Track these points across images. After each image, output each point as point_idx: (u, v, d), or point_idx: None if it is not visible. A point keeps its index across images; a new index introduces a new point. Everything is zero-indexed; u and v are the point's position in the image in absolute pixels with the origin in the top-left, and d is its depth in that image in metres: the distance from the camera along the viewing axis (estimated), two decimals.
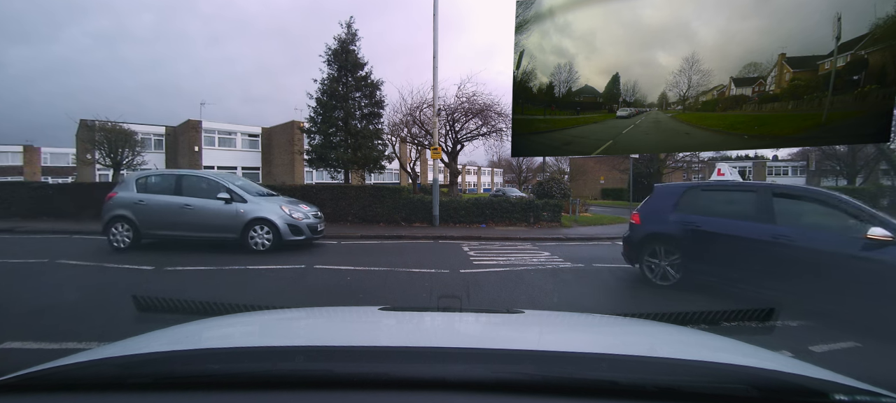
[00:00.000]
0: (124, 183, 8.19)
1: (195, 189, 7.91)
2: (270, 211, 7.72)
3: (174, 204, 7.71)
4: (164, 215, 7.70)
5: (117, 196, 7.90)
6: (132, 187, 7.97)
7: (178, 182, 7.98)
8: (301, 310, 1.75)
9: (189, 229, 7.68)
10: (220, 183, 7.97)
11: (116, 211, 7.73)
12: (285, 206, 7.96)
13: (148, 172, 8.58)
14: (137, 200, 7.75)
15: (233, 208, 7.63)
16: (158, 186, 8.03)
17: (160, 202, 7.76)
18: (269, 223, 7.61)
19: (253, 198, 7.87)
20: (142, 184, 8.05)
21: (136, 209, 7.70)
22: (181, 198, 7.76)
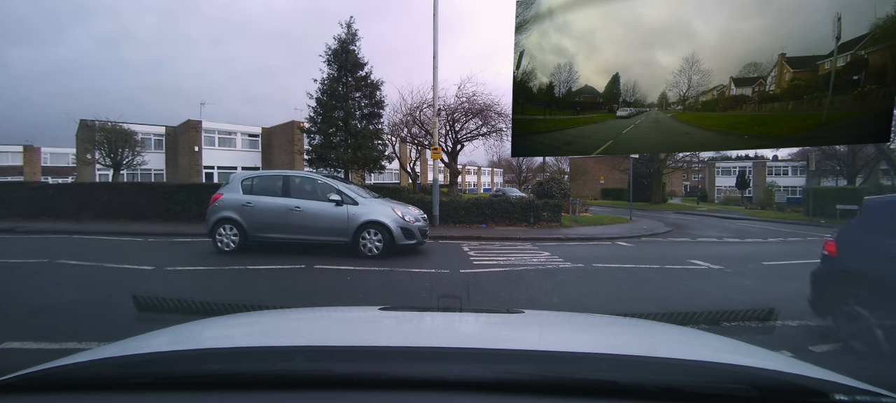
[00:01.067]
0: (230, 184, 7.92)
1: (303, 190, 7.65)
2: (383, 214, 7.32)
3: (282, 207, 7.43)
4: (272, 217, 7.42)
5: (223, 197, 7.64)
6: (238, 188, 7.70)
7: (285, 183, 7.71)
8: (301, 310, 1.75)
9: (298, 232, 7.37)
10: (330, 184, 7.66)
11: (223, 213, 7.50)
12: (397, 209, 7.55)
13: (253, 173, 8.21)
14: (244, 202, 7.50)
15: (343, 210, 7.27)
16: (265, 187, 7.74)
17: (268, 204, 7.49)
18: (382, 226, 7.22)
19: (364, 200, 7.52)
20: (248, 185, 7.76)
21: (244, 211, 7.47)
22: (290, 200, 7.48)
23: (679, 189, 49.48)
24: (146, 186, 15.73)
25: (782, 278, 6.34)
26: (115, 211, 13.01)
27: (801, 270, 7.13)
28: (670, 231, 13.35)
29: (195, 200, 13.07)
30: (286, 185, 7.70)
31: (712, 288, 5.63)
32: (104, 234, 9.93)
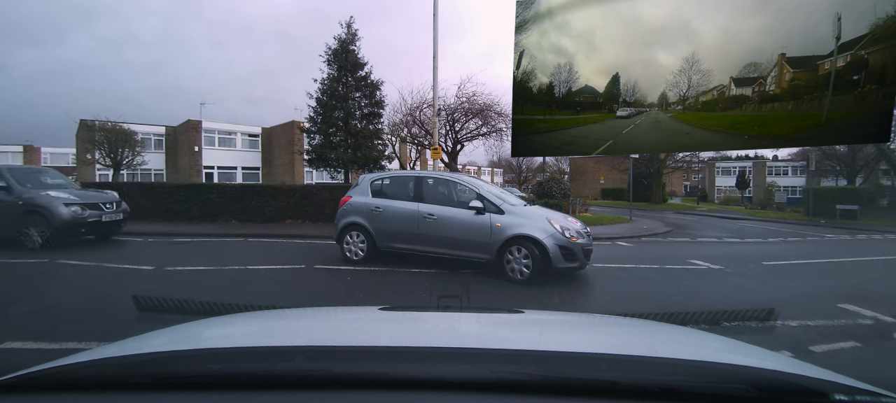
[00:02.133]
0: (359, 185, 7.05)
1: (438, 194, 6.51)
2: (536, 227, 5.58)
3: (414, 214, 6.30)
4: (402, 225, 6.38)
5: (352, 201, 6.83)
6: (367, 190, 6.82)
7: (417, 185, 6.55)
8: (301, 310, 1.75)
9: (431, 244, 6.21)
10: (470, 187, 6.29)
11: (350, 217, 6.71)
12: (555, 220, 5.74)
13: (384, 174, 7.29)
14: (373, 207, 6.59)
15: (485, 221, 5.81)
16: (396, 190, 6.73)
17: (398, 210, 6.44)
18: (534, 242, 5.48)
19: (512, 208, 5.89)
20: (377, 186, 6.84)
21: (372, 217, 6.56)
22: (422, 205, 6.30)
23: (679, 189, 49.51)
24: (146, 186, 15.72)
25: (782, 278, 6.34)
26: None
27: (801, 270, 7.14)
28: (670, 231, 13.35)
29: (195, 200, 13.07)
30: (418, 188, 6.52)
31: (712, 288, 5.63)
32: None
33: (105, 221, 8.46)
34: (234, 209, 13.01)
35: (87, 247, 7.82)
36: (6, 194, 7.65)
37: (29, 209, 7.57)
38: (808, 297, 5.02)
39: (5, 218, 7.55)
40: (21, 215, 7.53)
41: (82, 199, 8.14)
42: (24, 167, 8.18)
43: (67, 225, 7.73)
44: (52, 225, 7.54)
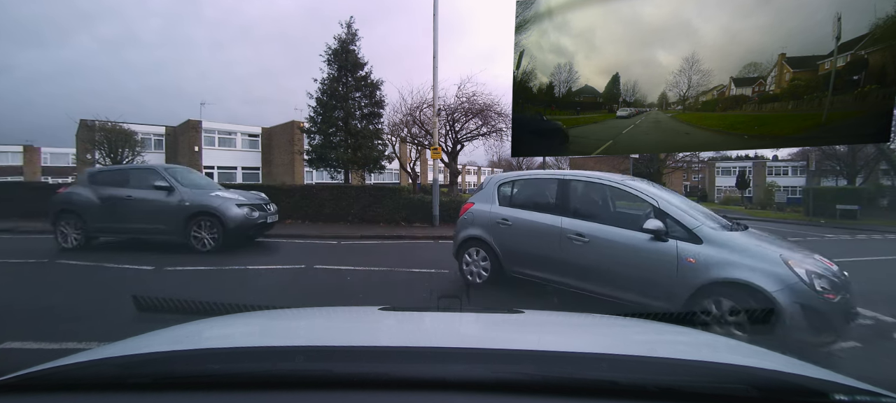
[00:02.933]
0: (484, 189, 5.40)
1: (592, 205, 4.49)
2: (760, 270, 3.14)
3: (554, 231, 4.37)
4: (536, 246, 4.55)
5: (474, 209, 5.25)
6: (493, 196, 5.16)
7: (562, 192, 4.53)
8: (301, 310, 1.75)
9: (578, 277, 4.21)
10: (645, 197, 3.97)
11: (470, 230, 5.18)
12: (795, 261, 3.19)
13: (517, 175, 5.33)
14: (499, 218, 4.92)
15: (670, 252, 3.60)
16: (531, 196, 4.95)
17: (532, 225, 4.62)
18: (756, 294, 3.06)
19: (714, 232, 3.56)
20: (507, 192, 5.11)
21: (498, 232, 4.89)
22: (569, 220, 4.31)
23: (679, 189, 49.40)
24: None
25: None
26: None
27: None
28: None
29: None
30: (563, 195, 4.54)
31: None
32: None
33: (267, 222, 8.36)
34: None
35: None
36: (167, 195, 7.44)
37: (198, 211, 7.33)
38: None
39: (171, 220, 7.34)
40: (189, 217, 7.31)
41: (248, 200, 7.95)
42: (174, 166, 8.11)
43: (239, 227, 7.56)
44: (226, 228, 7.34)
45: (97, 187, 7.71)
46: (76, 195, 7.67)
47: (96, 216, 7.53)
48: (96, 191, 7.64)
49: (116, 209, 7.50)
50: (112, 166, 8.77)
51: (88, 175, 8.04)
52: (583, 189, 4.66)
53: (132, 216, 7.47)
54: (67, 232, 7.57)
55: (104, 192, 7.61)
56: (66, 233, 7.58)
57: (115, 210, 7.50)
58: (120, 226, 7.59)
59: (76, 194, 7.68)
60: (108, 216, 7.52)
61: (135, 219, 7.47)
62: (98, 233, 7.69)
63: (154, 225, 7.43)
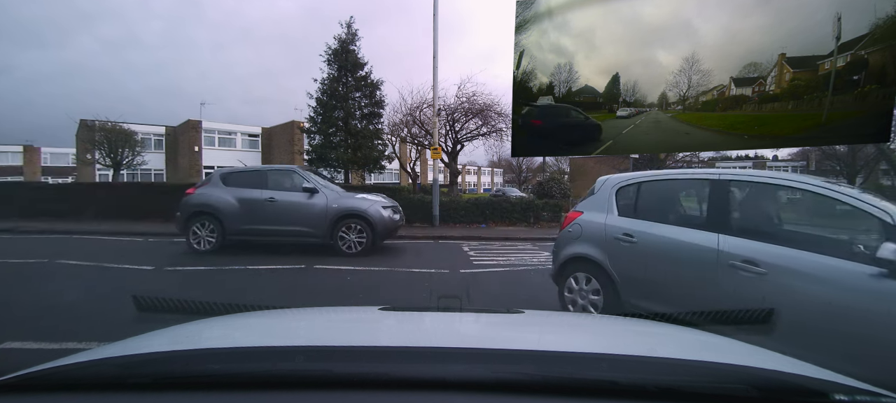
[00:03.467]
0: (597, 193, 3.95)
1: (772, 221, 3.15)
2: None
3: (707, 257, 2.97)
4: (678, 278, 3.17)
5: (583, 219, 3.90)
6: (609, 203, 3.77)
7: (718, 197, 3.10)
8: (301, 310, 1.75)
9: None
10: (871, 208, 2.44)
11: (577, 247, 3.81)
12: None
13: (642, 175, 3.79)
14: (620, 233, 3.55)
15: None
16: (668, 202, 3.60)
17: (673, 245, 3.21)
18: None
19: None
20: (629, 196, 3.72)
21: (617, 252, 3.53)
22: (740, 242, 2.86)
23: None
24: (146, 186, 15.72)
25: None
26: (114, 211, 13.02)
27: None
28: None
29: None
30: (720, 202, 3.10)
31: None
32: (104, 234, 9.94)
33: (399, 224, 8.29)
34: None
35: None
36: (311, 197, 7.37)
37: (346, 214, 7.29)
38: None
39: (318, 223, 7.27)
40: (337, 220, 7.27)
41: (389, 203, 7.88)
42: (298, 168, 8.02)
43: (386, 228, 7.56)
44: (375, 231, 7.33)
45: (233, 189, 7.53)
46: (214, 197, 7.43)
47: (235, 218, 7.35)
48: (233, 193, 7.47)
49: (258, 211, 7.32)
50: (248, 167, 8.36)
51: (221, 176, 7.75)
52: (754, 194, 3.20)
53: (276, 218, 7.31)
54: (201, 235, 7.38)
55: (243, 194, 7.45)
56: (200, 236, 7.38)
57: (257, 212, 7.32)
58: (261, 228, 7.36)
59: (214, 196, 7.45)
60: (248, 218, 7.33)
61: (279, 222, 7.32)
62: (236, 236, 7.44)
63: (299, 227, 7.32)
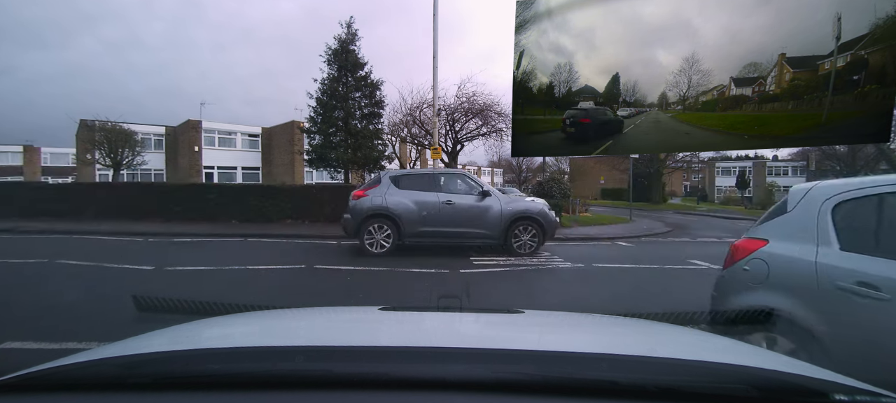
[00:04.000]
0: (797, 210, 2.28)
1: None
2: None
3: None
4: None
5: (769, 250, 2.38)
6: (825, 228, 2.13)
7: None
8: (301, 310, 1.75)
9: None
10: None
11: (761, 297, 2.29)
12: None
13: (883, 183, 2.01)
14: (856, 280, 1.89)
15: None
16: None
17: None
18: None
19: None
20: (861, 227, 2.08)
21: (844, 312, 1.92)
22: None
23: (679, 189, 49.47)
24: (146, 186, 15.74)
25: None
26: (114, 211, 13.02)
27: None
28: (670, 231, 13.35)
29: (195, 200, 13.08)
30: None
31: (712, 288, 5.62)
32: (104, 234, 9.94)
33: None
34: (234, 209, 13.02)
35: None
36: (483, 199, 7.55)
37: (520, 216, 7.50)
38: None
39: (494, 224, 7.46)
40: (512, 221, 7.47)
41: (547, 204, 8.22)
42: (469, 173, 8.24)
43: (552, 229, 7.88)
44: (546, 232, 7.65)
45: (407, 191, 7.55)
46: (390, 199, 7.44)
47: (412, 220, 7.36)
48: (408, 196, 7.49)
49: (434, 213, 7.39)
50: (418, 170, 8.51)
51: (392, 178, 7.74)
52: None
53: (453, 221, 7.41)
54: (376, 238, 7.36)
55: (419, 197, 7.49)
56: (375, 239, 7.36)
57: (433, 214, 7.39)
58: (438, 231, 7.44)
59: (390, 199, 7.45)
60: (424, 220, 7.39)
61: (455, 224, 7.42)
62: (411, 238, 7.47)
63: (476, 229, 7.48)
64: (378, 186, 7.60)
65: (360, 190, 7.77)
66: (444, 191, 7.60)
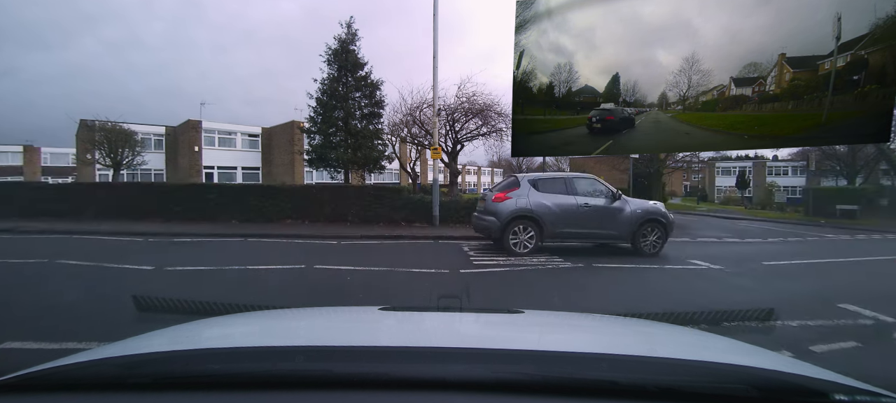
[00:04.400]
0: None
1: None
2: None
3: None
4: None
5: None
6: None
7: None
8: (301, 310, 1.75)
9: None
10: None
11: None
12: None
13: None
14: None
15: None
16: None
17: None
18: None
19: None
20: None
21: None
22: None
23: (679, 189, 49.45)
24: (146, 186, 15.74)
25: (782, 278, 6.33)
26: (114, 212, 13.02)
27: (801, 270, 7.13)
28: None
29: (195, 200, 13.08)
30: None
31: (712, 288, 5.63)
32: (104, 234, 9.94)
33: None
34: (234, 209, 13.02)
35: None
36: (613, 202, 8.00)
37: (648, 218, 7.96)
38: (808, 297, 5.02)
39: (625, 226, 7.92)
40: (641, 223, 7.90)
41: None
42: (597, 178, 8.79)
43: (672, 229, 8.29)
44: (668, 232, 8.13)
45: (546, 194, 7.88)
46: (533, 202, 7.76)
47: (553, 222, 7.73)
48: (549, 198, 7.83)
49: (572, 215, 7.80)
50: (554, 174, 9.12)
51: (531, 182, 8.10)
52: None
53: (588, 222, 7.86)
54: (520, 238, 7.67)
55: (558, 200, 7.85)
56: (519, 239, 7.66)
57: (571, 216, 7.79)
58: (575, 232, 7.91)
59: (533, 201, 7.77)
60: (563, 222, 7.78)
61: (591, 225, 7.89)
62: (552, 239, 7.86)
63: (609, 230, 7.95)
64: (518, 189, 7.96)
65: (499, 193, 8.12)
66: (580, 194, 8.01)
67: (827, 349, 3.35)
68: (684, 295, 5.23)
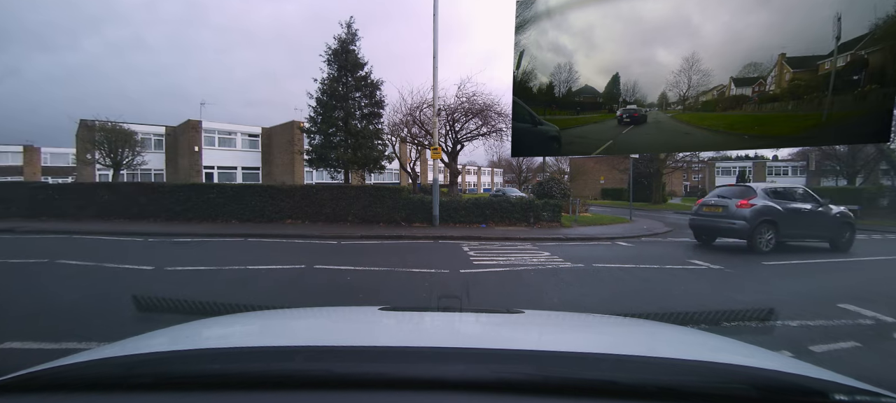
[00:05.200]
0: None
1: None
2: None
3: None
4: None
5: None
6: None
7: None
8: (301, 310, 1.75)
9: None
10: None
11: None
12: None
13: None
14: None
15: None
16: None
17: None
18: None
19: None
20: None
21: None
22: None
23: (679, 189, 49.44)
24: (146, 186, 15.74)
25: (782, 278, 6.34)
26: (114, 211, 13.02)
27: (801, 270, 7.13)
28: (670, 231, 13.34)
29: (195, 200, 13.08)
30: None
31: (712, 288, 5.63)
32: (104, 234, 9.94)
33: None
34: (234, 209, 13.02)
35: None
36: (818, 207, 9.40)
37: (845, 221, 9.53)
38: (808, 297, 5.02)
39: (835, 228, 9.40)
40: (839, 225, 9.44)
41: None
42: None
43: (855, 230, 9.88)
44: (854, 233, 9.74)
45: (778, 201, 9.14)
46: (775, 208, 8.97)
47: (786, 225, 8.98)
48: (781, 205, 9.07)
49: (797, 220, 9.15)
50: (783, 185, 10.91)
51: (765, 191, 9.33)
52: None
53: (808, 226, 9.31)
54: (765, 238, 8.79)
55: (788, 206, 9.14)
56: (763, 239, 8.79)
57: (797, 221, 9.14)
58: (799, 233, 9.31)
59: (774, 207, 8.97)
60: (792, 225, 9.08)
61: (810, 228, 9.36)
62: (785, 239, 9.11)
63: (822, 232, 9.46)
64: (755, 197, 9.11)
65: (741, 200, 9.21)
66: (800, 201, 9.39)
67: (827, 349, 3.35)
68: (684, 295, 5.23)
